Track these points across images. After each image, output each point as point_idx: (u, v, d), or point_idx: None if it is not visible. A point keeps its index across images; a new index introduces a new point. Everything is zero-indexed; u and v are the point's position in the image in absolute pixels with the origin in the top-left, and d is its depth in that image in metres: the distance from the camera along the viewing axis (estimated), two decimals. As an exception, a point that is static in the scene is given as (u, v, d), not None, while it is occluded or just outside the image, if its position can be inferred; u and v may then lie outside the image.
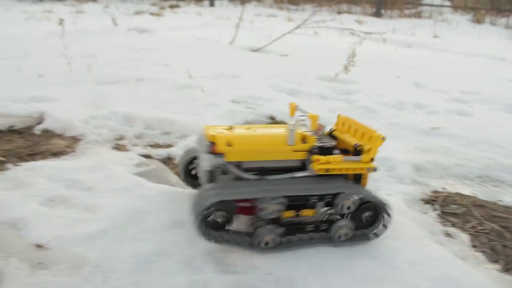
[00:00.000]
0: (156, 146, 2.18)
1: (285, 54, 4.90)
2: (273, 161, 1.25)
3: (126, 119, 2.39)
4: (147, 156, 2.02)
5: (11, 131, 2.26)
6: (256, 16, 9.54)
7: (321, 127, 1.30)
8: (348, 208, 1.26)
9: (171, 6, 11.00)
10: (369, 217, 1.31)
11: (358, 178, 1.31)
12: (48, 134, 2.26)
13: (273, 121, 2.56)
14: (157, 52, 4.52)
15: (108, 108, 2.51)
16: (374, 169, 1.26)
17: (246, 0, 11.97)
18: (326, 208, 1.29)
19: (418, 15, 10.84)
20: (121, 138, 2.22)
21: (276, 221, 1.23)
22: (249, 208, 1.25)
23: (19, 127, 2.30)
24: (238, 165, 1.23)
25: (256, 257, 1.23)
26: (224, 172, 1.25)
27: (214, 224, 1.19)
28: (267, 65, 4.16)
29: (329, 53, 5.04)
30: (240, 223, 1.31)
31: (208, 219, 1.17)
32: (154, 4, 11.49)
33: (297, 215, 1.26)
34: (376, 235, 1.32)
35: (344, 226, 1.27)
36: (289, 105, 1.41)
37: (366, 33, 4.92)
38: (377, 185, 1.82)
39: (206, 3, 12.53)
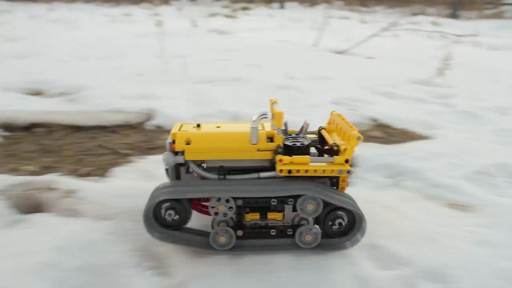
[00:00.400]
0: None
1: (371, 56, 4.81)
2: (239, 160, 1.17)
3: (233, 117, 2.43)
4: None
5: (127, 126, 2.36)
6: (328, 18, 9.47)
7: (305, 125, 1.25)
8: (314, 212, 1.15)
9: (243, 8, 11.18)
10: (341, 226, 1.18)
11: (336, 182, 1.19)
12: (160, 129, 2.35)
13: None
14: (241, 53, 4.59)
15: (213, 107, 2.57)
16: (348, 171, 1.11)
17: (316, 2, 11.92)
18: (295, 213, 1.19)
19: (500, 15, 10.30)
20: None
21: (238, 223, 1.18)
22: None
23: (133, 123, 2.40)
24: (200, 164, 1.18)
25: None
26: (189, 171, 1.20)
27: (167, 221, 1.17)
28: (355, 68, 4.10)
29: (416, 56, 4.89)
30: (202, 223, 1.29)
31: (158, 215, 1.16)
32: (225, 7, 11.72)
33: (264, 218, 1.19)
34: (351, 244, 1.19)
35: (308, 232, 1.17)
36: (269, 101, 1.32)
37: (457, 35, 4.72)
38: (500, 191, 1.73)
39: (276, 5, 12.62)
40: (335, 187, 1.19)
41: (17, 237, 1.22)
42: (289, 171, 1.11)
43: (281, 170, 1.11)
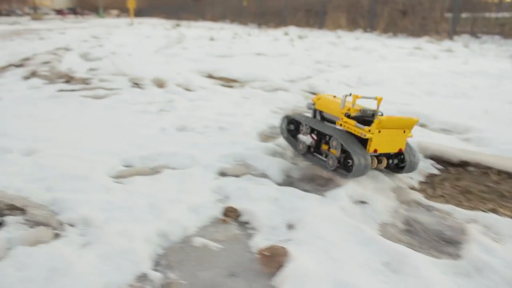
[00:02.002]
0: None
1: None
2: (334, 116, 2.08)
3: None
4: None
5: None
6: None
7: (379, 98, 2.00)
8: (336, 148, 1.96)
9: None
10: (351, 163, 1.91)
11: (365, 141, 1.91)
12: None
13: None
14: None
15: None
16: (364, 135, 1.85)
17: None
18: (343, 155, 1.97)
19: None
20: None
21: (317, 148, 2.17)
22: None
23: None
24: (320, 113, 2.22)
25: None
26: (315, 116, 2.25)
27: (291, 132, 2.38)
28: None
29: None
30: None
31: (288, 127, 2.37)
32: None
33: (329, 149, 2.07)
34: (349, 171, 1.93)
35: (331, 158, 2.00)
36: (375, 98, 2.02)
37: None
38: None
39: None
40: (363, 144, 1.92)
41: None
42: (340, 125, 1.99)
43: (340, 124, 1.99)
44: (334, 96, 2.19)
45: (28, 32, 16.14)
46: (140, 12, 40.07)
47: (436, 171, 2.27)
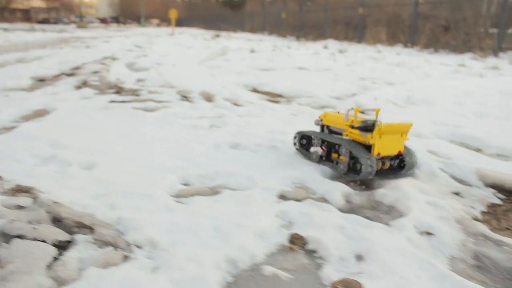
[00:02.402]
0: None
1: None
2: (339, 128, 2.41)
3: None
4: None
5: None
6: None
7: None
8: (345, 154, 2.26)
9: None
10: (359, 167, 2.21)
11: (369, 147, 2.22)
12: None
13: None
14: None
15: None
16: (367, 142, 2.19)
17: None
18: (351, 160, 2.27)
19: None
20: None
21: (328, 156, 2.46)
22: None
23: None
24: (327, 127, 2.55)
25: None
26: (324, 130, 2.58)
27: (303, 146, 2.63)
28: None
29: None
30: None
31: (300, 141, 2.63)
32: None
33: (338, 157, 2.35)
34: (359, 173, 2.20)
35: (342, 163, 2.30)
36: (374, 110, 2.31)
37: None
38: None
39: None
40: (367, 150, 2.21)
41: None
42: (346, 135, 2.32)
43: (346, 135, 2.32)
44: (338, 112, 2.54)
45: (74, 40, 16.71)
46: (179, 22, 40.85)
47: (498, 201, 2.17)
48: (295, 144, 2.68)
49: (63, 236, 1.46)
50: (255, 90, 5.23)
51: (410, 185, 2.21)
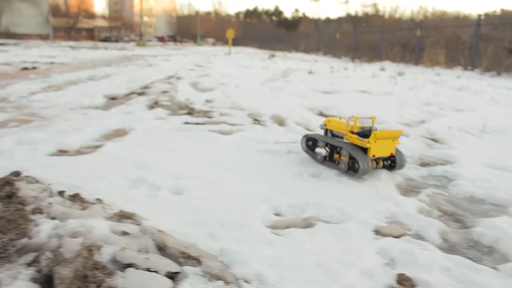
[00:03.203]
0: None
1: None
2: (341, 132, 2.81)
3: None
4: None
5: None
6: None
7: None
8: (345, 155, 2.65)
9: None
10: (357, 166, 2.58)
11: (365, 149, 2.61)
12: None
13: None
14: None
15: None
16: (364, 145, 2.60)
17: None
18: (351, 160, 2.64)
19: None
20: None
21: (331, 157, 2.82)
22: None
23: None
24: (331, 131, 2.95)
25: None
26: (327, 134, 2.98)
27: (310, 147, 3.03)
28: None
29: None
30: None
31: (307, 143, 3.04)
32: None
33: (339, 157, 2.73)
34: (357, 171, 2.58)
35: (343, 163, 2.68)
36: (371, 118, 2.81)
37: None
38: None
39: None
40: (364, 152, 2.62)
41: None
42: (347, 139, 2.73)
43: (347, 139, 2.73)
44: (340, 118, 2.92)
45: (136, 58, 17.38)
46: (234, 41, 41.68)
47: None
48: (303, 147, 3.07)
49: (174, 267, 1.46)
50: (321, 114, 5.18)
51: (508, 223, 2.09)
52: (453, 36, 16.97)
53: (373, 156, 2.61)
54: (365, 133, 2.68)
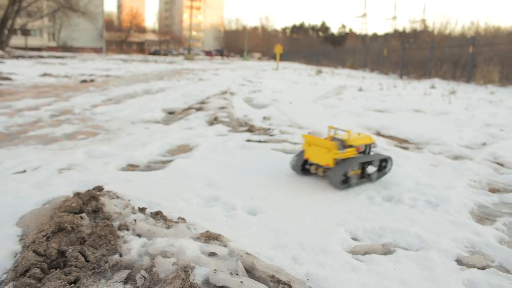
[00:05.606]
0: None
1: None
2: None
3: None
4: None
5: None
6: None
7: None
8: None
9: None
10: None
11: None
12: None
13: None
14: None
15: None
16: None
17: None
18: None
19: None
20: None
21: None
22: None
23: None
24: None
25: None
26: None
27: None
28: None
29: None
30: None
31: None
32: None
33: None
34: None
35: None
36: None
37: None
38: None
39: None
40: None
41: None
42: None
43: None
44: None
45: (186, 71, 17.81)
46: (281, 56, 41.96)
47: None
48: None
49: (267, 291, 1.50)
50: (379, 134, 5.14)
51: None
52: (508, 52, 16.40)
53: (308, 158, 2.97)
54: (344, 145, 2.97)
